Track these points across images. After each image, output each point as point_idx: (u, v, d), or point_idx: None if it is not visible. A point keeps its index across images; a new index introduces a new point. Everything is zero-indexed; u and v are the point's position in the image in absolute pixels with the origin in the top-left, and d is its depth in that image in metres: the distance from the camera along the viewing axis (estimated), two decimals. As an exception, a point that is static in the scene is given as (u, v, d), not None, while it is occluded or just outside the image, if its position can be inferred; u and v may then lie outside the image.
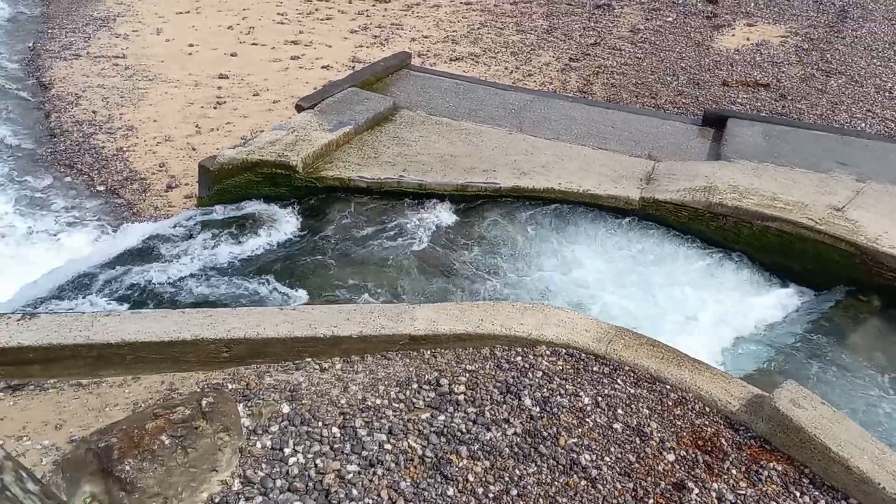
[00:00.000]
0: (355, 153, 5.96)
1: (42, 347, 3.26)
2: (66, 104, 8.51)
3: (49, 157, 7.69)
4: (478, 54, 9.78)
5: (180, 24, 10.48)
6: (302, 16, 10.81)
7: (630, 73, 9.05)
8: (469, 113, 6.72)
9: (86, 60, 9.40)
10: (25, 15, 10.70)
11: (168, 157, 7.62)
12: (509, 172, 5.64)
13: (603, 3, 10.87)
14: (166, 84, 8.94)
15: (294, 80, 9.18)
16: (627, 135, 6.41)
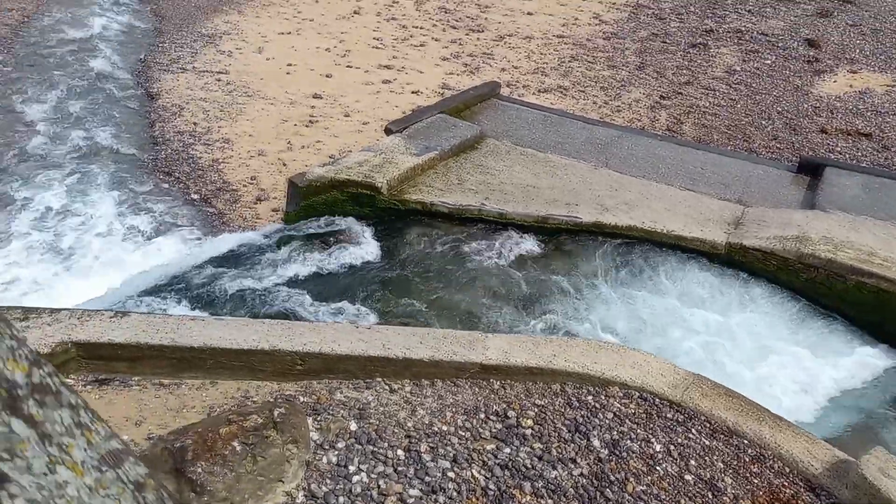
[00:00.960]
0: (439, 178, 6.04)
1: (130, 345, 3.42)
2: (169, 114, 9.01)
3: (150, 163, 8.14)
4: (566, 87, 9.77)
5: (281, 44, 10.95)
6: (397, 41, 11.10)
7: (723, 114, 8.82)
8: (555, 145, 6.69)
9: (191, 74, 9.95)
10: (140, 28, 11.43)
11: (259, 171, 7.93)
12: (592, 207, 5.57)
13: (699, 42, 10.67)
14: (264, 101, 9.34)
15: (384, 103, 9.41)
16: (717, 177, 6.23)
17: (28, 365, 1.45)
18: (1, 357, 1.38)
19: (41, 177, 7.67)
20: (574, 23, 11.67)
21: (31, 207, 7.16)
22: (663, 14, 11.75)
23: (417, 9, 12.25)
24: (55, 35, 10.87)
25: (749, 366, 4.42)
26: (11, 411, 1.32)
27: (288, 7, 12.21)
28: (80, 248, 6.58)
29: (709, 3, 11.91)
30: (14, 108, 8.94)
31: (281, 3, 12.34)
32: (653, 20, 11.58)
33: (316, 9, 12.20)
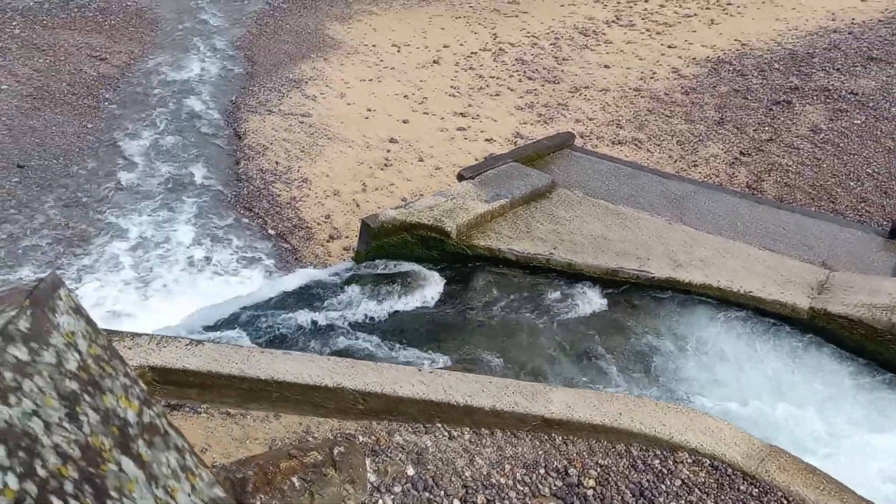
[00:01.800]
0: (508, 226, 6.05)
1: (202, 373, 3.53)
2: (254, 153, 9.42)
3: (233, 199, 8.50)
4: (641, 140, 9.69)
5: (362, 90, 11.35)
6: (473, 90, 11.32)
7: (807, 173, 8.53)
8: (627, 198, 6.62)
9: (277, 116, 10.41)
10: (233, 72, 12.09)
11: (334, 210, 8.16)
12: (665, 263, 5.44)
13: (782, 100, 10.42)
14: (342, 143, 9.66)
15: (458, 149, 9.56)
16: (799, 238, 5.99)
17: (139, 404, 1.52)
18: (115, 394, 1.44)
19: (133, 207, 8.12)
20: (651, 76, 11.62)
21: (121, 235, 7.58)
22: (745, 70, 11.56)
23: (495, 60, 12.49)
24: (157, 76, 11.63)
25: (826, 440, 4.16)
26: (122, 450, 1.37)
27: (371, 56, 12.68)
28: (162, 275, 6.89)
29: (794, 61, 11.65)
30: (116, 143, 9.56)
31: (365, 52, 12.84)
32: (734, 76, 11.41)
33: (397, 58, 12.62)
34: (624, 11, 14.72)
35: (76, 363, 1.47)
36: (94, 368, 1.52)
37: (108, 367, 1.56)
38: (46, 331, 1.47)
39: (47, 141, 9.43)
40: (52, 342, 1.48)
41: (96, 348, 1.59)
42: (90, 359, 1.53)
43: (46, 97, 10.57)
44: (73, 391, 1.43)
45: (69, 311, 1.58)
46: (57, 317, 1.53)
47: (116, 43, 12.72)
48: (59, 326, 1.52)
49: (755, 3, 14.90)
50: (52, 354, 1.44)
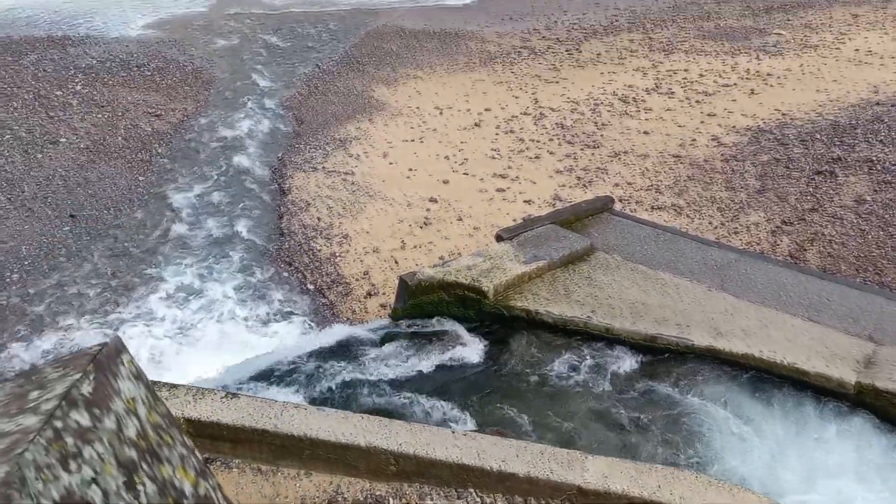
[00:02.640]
0: (546, 288, 6.03)
1: (236, 427, 3.55)
2: (297, 209, 9.65)
3: (274, 252, 8.67)
4: (681, 206, 9.65)
5: (404, 150, 11.61)
6: (513, 153, 11.49)
7: (851, 244, 8.36)
8: (667, 263, 6.56)
9: (321, 173, 10.69)
10: (281, 131, 12.52)
11: (372, 267, 8.25)
12: (705, 331, 5.35)
13: (825, 170, 10.32)
14: (383, 201, 9.84)
15: (496, 210, 9.64)
16: (844, 310, 5.83)
17: (195, 475, 1.53)
18: (172, 464, 1.46)
19: (178, 259, 8.35)
20: (691, 143, 11.65)
21: (165, 286, 7.77)
22: (786, 140, 11.52)
23: (535, 124, 12.70)
24: (208, 133, 12.10)
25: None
26: (177, 524, 1.37)
27: (414, 117, 13.02)
28: (202, 327, 7.01)
29: (836, 132, 11.58)
30: (165, 196, 9.91)
31: (408, 114, 13.19)
32: (775, 145, 11.37)
33: (440, 120, 12.93)
34: (664, 80, 14.91)
35: (135, 430, 1.49)
36: (153, 437, 1.55)
37: (167, 436, 1.59)
38: (108, 396, 1.50)
39: (100, 192, 9.82)
40: (113, 408, 1.51)
41: (155, 416, 1.62)
42: (149, 426, 1.55)
43: (102, 150, 11.06)
44: (132, 459, 1.45)
45: (130, 377, 1.62)
46: (119, 382, 1.56)
47: (172, 101, 13.32)
48: (120, 392, 1.55)
49: (795, 74, 14.95)
50: (112, 421, 1.47)
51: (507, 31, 19.20)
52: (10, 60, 14.60)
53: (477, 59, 16.58)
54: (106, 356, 1.56)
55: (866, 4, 21.67)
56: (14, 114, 12.12)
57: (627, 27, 19.50)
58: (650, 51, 17.18)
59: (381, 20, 19.91)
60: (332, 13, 20.53)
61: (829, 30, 18.65)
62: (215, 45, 16.97)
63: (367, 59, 16.35)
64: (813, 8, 21.45)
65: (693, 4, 22.42)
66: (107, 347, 1.59)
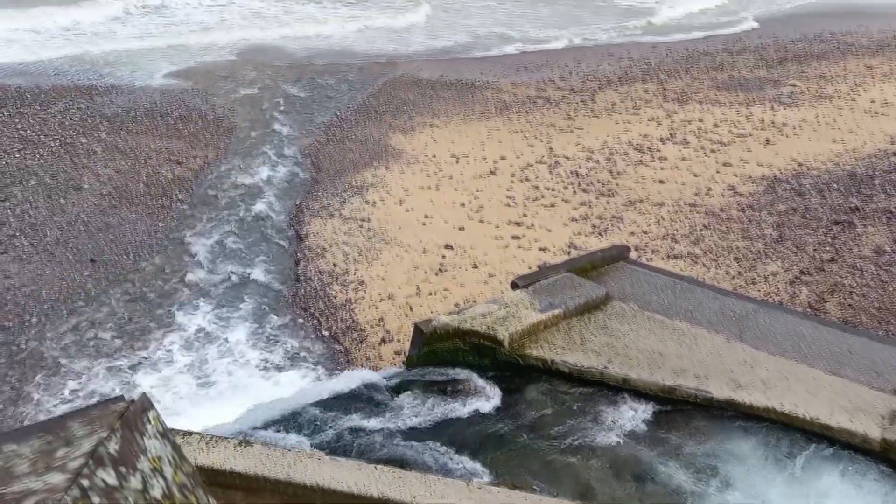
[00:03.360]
0: (561, 337, 5.98)
1: (249, 476, 3.51)
2: (313, 255, 9.73)
3: (291, 298, 8.71)
4: (697, 255, 9.62)
5: (420, 197, 11.73)
6: (528, 200, 11.57)
7: (872, 295, 8.26)
8: (684, 313, 6.50)
9: (337, 220, 10.80)
10: (299, 177, 12.71)
11: (387, 314, 8.25)
12: (724, 382, 5.26)
13: (843, 220, 10.27)
14: (399, 248, 9.90)
15: (512, 257, 9.66)
16: (867, 363, 5.72)
17: None
18: None
19: (195, 304, 8.41)
20: (707, 193, 11.68)
21: (181, 331, 7.82)
22: (803, 190, 11.52)
23: (550, 172, 12.81)
24: (228, 180, 12.32)
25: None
26: None
27: (431, 165, 13.18)
28: (217, 373, 7.02)
29: (853, 182, 11.58)
30: (184, 241, 10.04)
31: (425, 162, 13.37)
32: (791, 195, 11.37)
33: (456, 167, 13.08)
34: (678, 130, 15.04)
35: (161, 490, 1.49)
36: (179, 497, 1.54)
37: (192, 497, 1.58)
38: (135, 454, 1.50)
39: (120, 237, 9.98)
40: (140, 467, 1.50)
41: (181, 476, 1.62)
42: (175, 486, 1.55)
43: (124, 196, 11.28)
44: (158, 520, 1.43)
45: (157, 436, 1.62)
46: (145, 441, 1.56)
47: (193, 148, 13.62)
48: (146, 451, 1.55)
49: (811, 124, 15.03)
50: (138, 480, 1.46)
51: (522, 81, 19.54)
52: (38, 109, 15.05)
53: (493, 107, 16.85)
54: (133, 413, 1.57)
55: (880, 56, 21.88)
56: (40, 160, 12.44)
57: (641, 77, 19.78)
58: (664, 101, 17.38)
59: (399, 70, 20.36)
60: (351, 64, 21.04)
61: (844, 81, 18.80)
62: (237, 94, 17.40)
63: (385, 107, 16.67)
64: (827, 59, 21.68)
65: (706, 56, 22.75)
66: (134, 405, 1.59)
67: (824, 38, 25.55)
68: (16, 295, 8.46)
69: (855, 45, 23.98)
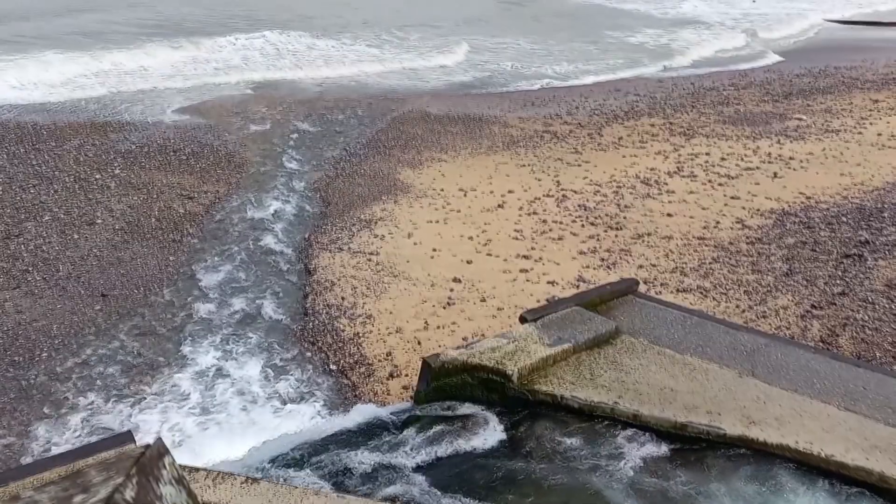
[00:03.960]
0: (570, 371, 5.95)
1: (256, 512, 3.48)
2: (322, 289, 9.74)
3: (298, 332, 8.70)
4: (707, 288, 9.56)
5: (429, 230, 11.77)
6: (536, 234, 11.58)
7: (885, 329, 8.17)
8: (695, 348, 6.45)
9: (346, 254, 10.83)
10: (308, 212, 12.80)
11: (395, 348, 8.22)
12: (736, 419, 5.19)
13: (853, 253, 10.21)
14: (407, 281, 9.90)
15: (520, 291, 9.64)
16: (882, 399, 5.64)
17: None
18: None
19: (204, 338, 8.41)
20: (715, 226, 11.66)
21: (189, 366, 7.81)
22: (812, 223, 11.49)
23: (558, 205, 12.84)
24: (238, 214, 12.42)
25: None
26: None
27: (439, 199, 13.26)
28: (223, 407, 6.99)
29: (863, 215, 11.54)
30: (194, 275, 10.09)
31: (433, 196, 13.44)
32: (800, 228, 11.34)
33: (464, 201, 13.14)
34: (685, 163, 15.09)
35: None
36: None
37: None
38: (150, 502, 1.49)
39: (131, 272, 10.04)
40: None
41: None
42: None
43: (136, 231, 11.38)
44: (173, 569, 1.42)
45: (172, 482, 1.62)
46: (161, 487, 1.56)
47: (205, 183, 13.76)
48: (162, 497, 1.54)
49: (818, 158, 15.06)
50: None
51: (529, 115, 19.73)
52: (53, 146, 15.31)
53: (500, 142, 16.99)
54: (149, 459, 1.57)
55: (885, 90, 22.00)
56: (54, 196, 12.60)
57: (648, 112, 19.94)
58: (671, 135, 17.48)
59: (408, 106, 20.62)
60: (360, 100, 21.33)
61: (850, 115, 18.88)
62: (248, 130, 17.65)
63: (393, 142, 16.84)
64: (832, 93, 21.82)
65: (712, 91, 22.95)
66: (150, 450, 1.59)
67: (829, 73, 25.76)
68: (27, 330, 8.50)
69: (860, 79, 24.14)
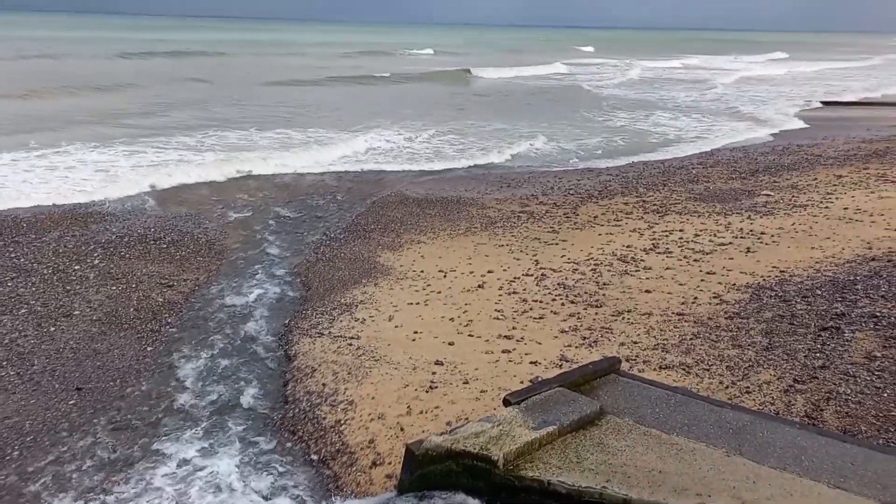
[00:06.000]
0: (557, 455, 5.86)
1: None
2: (302, 375, 9.60)
3: (278, 421, 8.52)
4: (689, 365, 9.57)
5: (410, 313, 11.75)
6: (517, 313, 11.61)
7: (868, 402, 8.19)
8: (681, 427, 6.41)
9: (327, 339, 10.75)
10: (289, 297, 12.76)
11: (378, 435, 8.05)
12: (727, 500, 5.11)
13: (830, 325, 10.35)
14: (388, 365, 9.80)
15: (503, 372, 9.57)
16: (871, 475, 5.61)
17: None
18: None
19: (181, 431, 8.18)
20: (694, 301, 11.79)
21: (166, 460, 7.56)
22: (788, 297, 11.67)
23: (537, 284, 12.95)
24: (218, 301, 12.34)
25: None
26: None
27: (419, 281, 13.32)
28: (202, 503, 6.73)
29: (836, 288, 11.77)
30: (172, 365, 9.92)
31: (413, 278, 13.51)
32: (777, 302, 11.50)
33: (444, 282, 13.21)
34: (660, 240, 15.40)
35: None
36: None
37: None
38: None
39: (108, 364, 9.84)
40: None
41: None
42: None
43: (114, 322, 11.23)
44: None
45: None
46: None
47: (185, 271, 13.73)
48: None
49: (788, 232, 15.46)
50: None
51: (505, 196, 20.16)
52: (32, 238, 15.27)
53: (478, 223, 17.27)
54: None
55: (848, 165, 22.90)
56: (32, 288, 12.46)
57: (621, 191, 20.48)
58: (645, 212, 17.91)
59: (387, 190, 21.01)
60: (340, 185, 21.71)
61: (816, 190, 19.55)
62: (229, 217, 17.80)
63: (373, 226, 17.04)
64: (797, 170, 22.65)
65: (682, 169, 23.72)
66: None
67: (792, 150, 26.81)
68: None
69: (822, 156, 25.13)
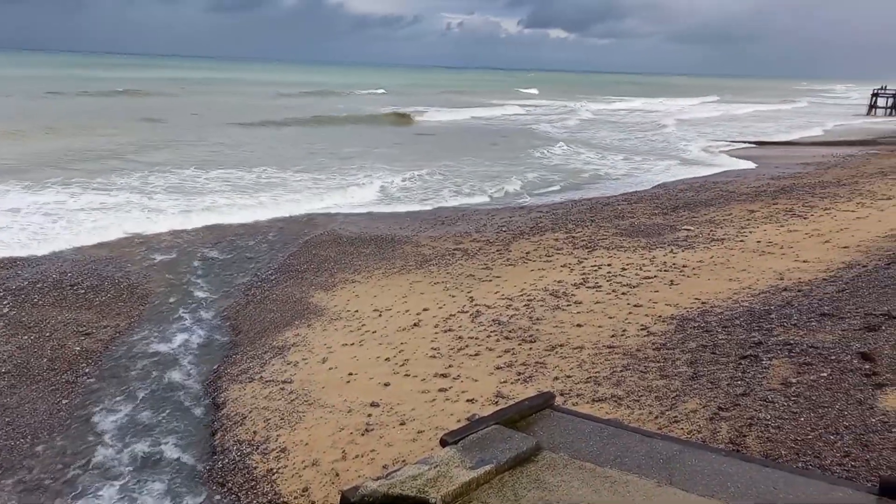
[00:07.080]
0: (495, 494, 5.84)
1: None
2: (231, 423, 9.27)
3: (206, 474, 8.17)
4: (620, 396, 9.78)
5: (344, 354, 11.59)
6: (453, 351, 11.62)
7: (787, 427, 8.55)
8: (613, 459, 6.51)
9: (257, 384, 10.45)
10: (218, 342, 12.37)
11: (312, 482, 7.84)
12: (659, 531, 5.20)
13: (749, 354, 10.81)
14: (322, 409, 9.60)
15: (440, 411, 9.52)
16: (792, 498, 5.83)
17: None
18: None
19: (100, 489, 7.74)
20: (622, 334, 12.11)
21: (83, 521, 7.12)
22: (709, 327, 12.15)
23: (472, 321, 13.03)
24: (140, 349, 11.84)
25: None
26: None
27: (353, 321, 13.18)
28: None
29: (753, 318, 12.33)
30: (89, 419, 9.40)
31: (347, 318, 13.36)
32: (700, 332, 11.95)
33: (379, 322, 13.12)
34: (590, 275, 15.81)
35: None
36: None
37: None
38: None
39: (17, 420, 9.25)
40: None
41: None
42: None
43: (25, 374, 10.59)
44: None
45: None
46: None
47: (104, 318, 13.13)
48: None
49: (707, 265, 16.16)
50: None
51: (439, 234, 20.31)
52: (-65, 284, 14.33)
53: (413, 261, 17.30)
54: None
55: (759, 201, 24.22)
56: (-68, 339, 11.64)
57: (551, 227, 20.98)
58: (574, 248, 18.38)
59: (319, 229, 20.81)
60: (271, 225, 21.38)
61: (731, 224, 20.56)
62: (153, 259, 17.21)
63: (306, 266, 16.82)
64: (713, 206, 23.79)
65: (607, 206, 24.53)
66: None
67: (708, 187, 28.20)
68: None
69: (736, 192, 26.53)
